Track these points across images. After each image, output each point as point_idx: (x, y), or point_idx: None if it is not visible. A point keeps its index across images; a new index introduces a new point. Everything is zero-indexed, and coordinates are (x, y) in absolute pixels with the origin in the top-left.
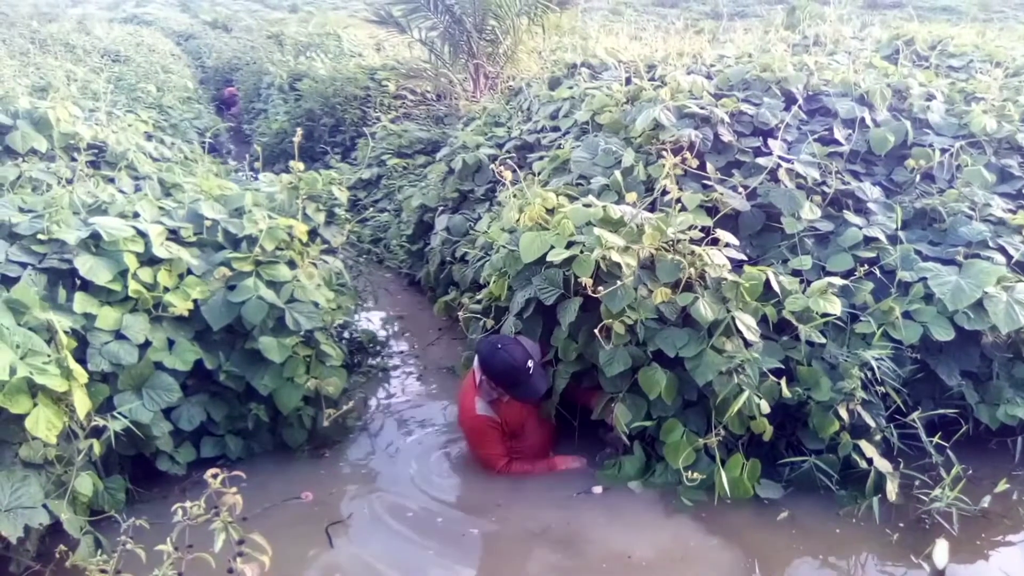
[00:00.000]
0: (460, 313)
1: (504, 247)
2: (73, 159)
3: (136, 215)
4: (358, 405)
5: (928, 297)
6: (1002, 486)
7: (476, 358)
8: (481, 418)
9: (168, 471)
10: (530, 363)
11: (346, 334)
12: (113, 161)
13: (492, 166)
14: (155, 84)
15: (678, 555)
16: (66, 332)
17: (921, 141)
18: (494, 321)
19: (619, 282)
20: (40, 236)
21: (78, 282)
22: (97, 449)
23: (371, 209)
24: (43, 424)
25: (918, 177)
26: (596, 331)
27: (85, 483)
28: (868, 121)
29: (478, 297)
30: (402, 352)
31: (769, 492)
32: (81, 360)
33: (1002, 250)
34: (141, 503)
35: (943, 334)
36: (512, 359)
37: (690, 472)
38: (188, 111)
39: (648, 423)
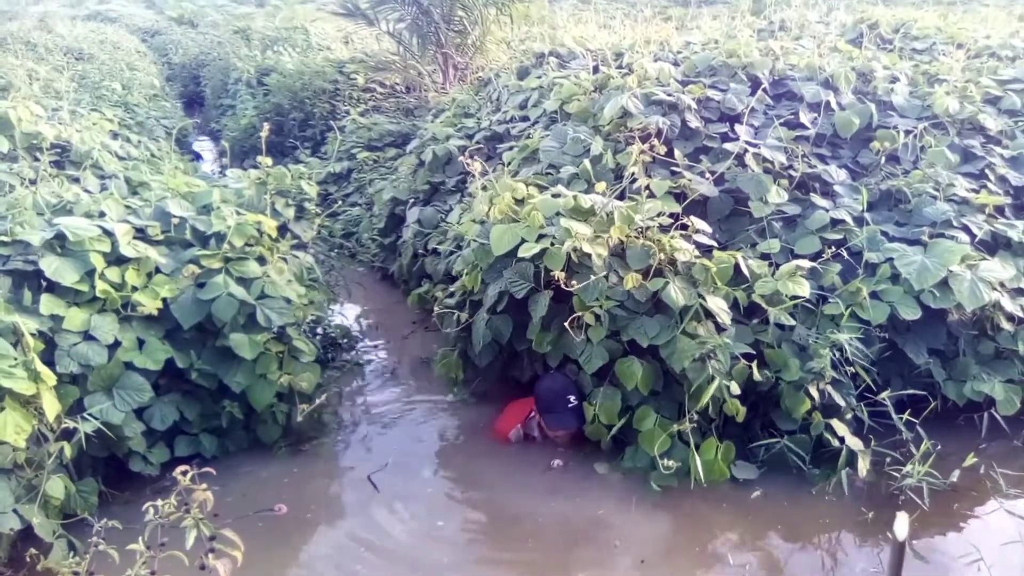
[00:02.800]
0: (436, 308)
1: (475, 240)
2: (36, 159)
3: (102, 214)
4: (333, 400)
5: (895, 277)
6: (970, 460)
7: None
8: (509, 439)
9: (142, 472)
10: (572, 397)
11: (319, 329)
12: (78, 160)
13: (462, 157)
14: (120, 82)
15: (652, 536)
16: (33, 334)
17: (886, 123)
18: (468, 315)
19: (592, 275)
20: (3, 238)
21: (44, 283)
22: (68, 452)
23: (342, 203)
24: (11, 428)
25: (883, 159)
26: (567, 324)
27: (56, 486)
28: (833, 104)
29: (451, 290)
30: (376, 346)
31: (744, 473)
32: (49, 362)
33: (966, 229)
34: (115, 505)
35: (910, 313)
36: (555, 385)
37: (665, 460)
38: (155, 108)
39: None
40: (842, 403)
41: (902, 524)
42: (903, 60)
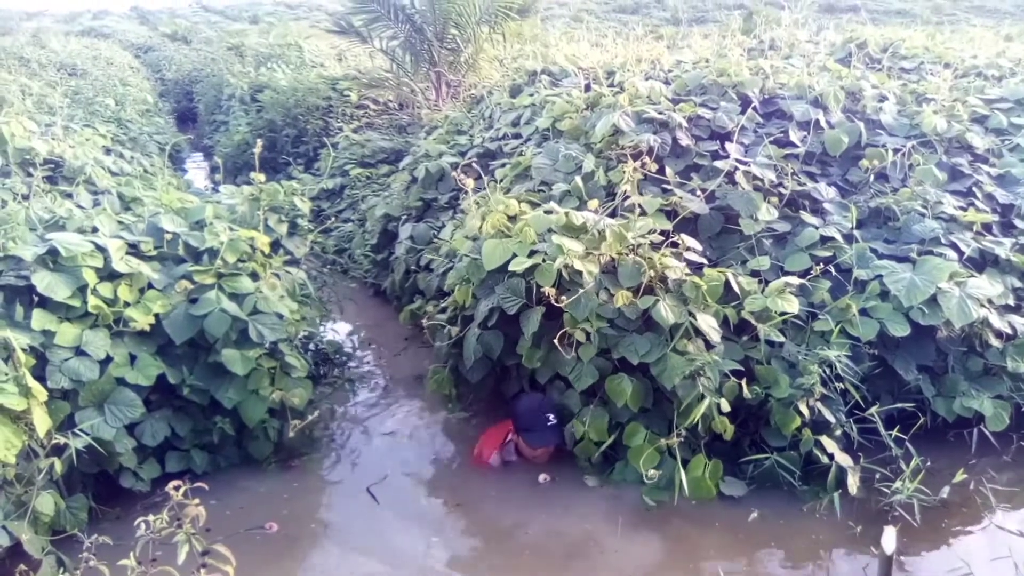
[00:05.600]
0: (424, 321)
1: (467, 255)
2: (29, 174)
3: (95, 230)
4: (325, 416)
5: (884, 294)
6: (960, 476)
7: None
8: (488, 465)
9: (132, 488)
10: (551, 416)
11: (311, 345)
12: (71, 176)
13: (454, 174)
14: (113, 97)
15: (641, 552)
16: (24, 350)
17: (874, 141)
18: (459, 330)
19: (582, 291)
20: None
21: (36, 299)
22: (58, 468)
23: (335, 219)
24: (1, 443)
25: (872, 177)
26: (556, 341)
27: (46, 503)
28: (823, 123)
29: (442, 305)
30: (368, 362)
31: (733, 490)
32: (40, 377)
33: (954, 246)
34: (105, 521)
35: (899, 330)
36: (533, 404)
37: (650, 471)
38: (148, 124)
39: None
40: (832, 419)
41: (890, 538)
42: (891, 79)
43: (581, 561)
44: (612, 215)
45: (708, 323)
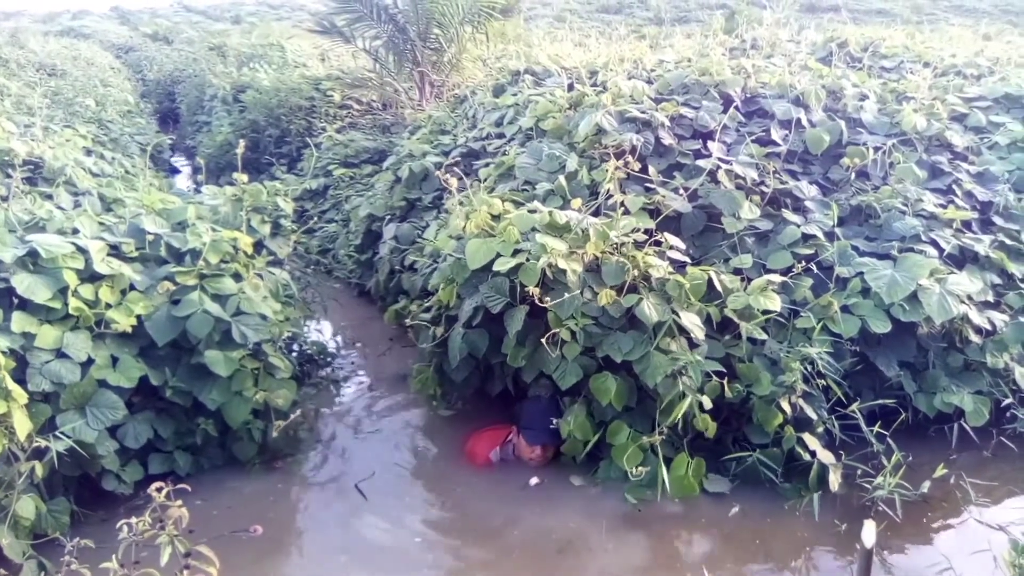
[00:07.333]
0: (408, 321)
1: (451, 255)
2: (8, 176)
3: (76, 231)
4: (309, 417)
5: (865, 291)
6: (940, 471)
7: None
8: (487, 460)
9: (115, 490)
10: (555, 420)
11: (295, 346)
12: (51, 177)
13: (438, 173)
14: (94, 98)
15: (626, 550)
16: (4, 352)
17: (855, 140)
18: (444, 330)
19: (567, 291)
20: None
21: (16, 301)
22: (39, 471)
23: (318, 220)
24: None
25: (853, 175)
26: (543, 340)
27: (27, 506)
28: (804, 122)
29: (427, 304)
30: (353, 362)
31: (717, 487)
32: (21, 380)
33: (934, 243)
34: (88, 524)
35: (880, 326)
36: (540, 405)
37: (635, 468)
38: (129, 125)
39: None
40: (814, 416)
41: (869, 532)
42: (872, 78)
43: (571, 559)
44: (595, 214)
45: (691, 321)
